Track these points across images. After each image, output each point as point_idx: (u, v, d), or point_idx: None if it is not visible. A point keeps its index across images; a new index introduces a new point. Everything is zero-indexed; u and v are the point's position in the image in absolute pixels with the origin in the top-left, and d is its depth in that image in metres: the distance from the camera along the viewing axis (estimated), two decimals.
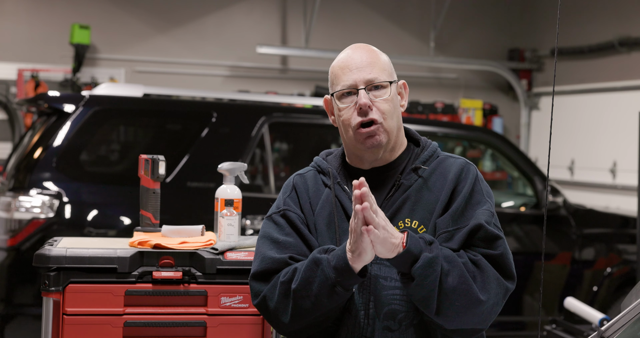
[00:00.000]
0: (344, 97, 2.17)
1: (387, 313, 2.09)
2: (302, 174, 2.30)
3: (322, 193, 2.22)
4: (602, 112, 8.75)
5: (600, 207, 6.32)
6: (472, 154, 8.48)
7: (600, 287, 5.34)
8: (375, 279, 2.10)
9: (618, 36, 8.61)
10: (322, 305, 2.03)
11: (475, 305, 1.99)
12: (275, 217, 2.22)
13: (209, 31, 9.28)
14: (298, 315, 2.06)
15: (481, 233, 2.07)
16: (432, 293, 1.96)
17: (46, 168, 4.37)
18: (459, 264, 2.00)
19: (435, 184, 2.15)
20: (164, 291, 2.54)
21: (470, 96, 10.10)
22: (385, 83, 2.16)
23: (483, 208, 2.11)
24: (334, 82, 2.21)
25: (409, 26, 9.92)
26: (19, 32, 8.65)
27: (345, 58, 2.19)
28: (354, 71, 2.15)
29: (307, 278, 2.03)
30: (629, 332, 2.18)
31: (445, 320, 2.01)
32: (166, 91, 5.13)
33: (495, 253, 2.06)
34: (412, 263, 1.95)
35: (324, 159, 2.30)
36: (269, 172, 4.97)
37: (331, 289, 2.00)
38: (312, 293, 2.02)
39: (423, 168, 2.17)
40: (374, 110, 2.13)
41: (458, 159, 2.22)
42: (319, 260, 2.03)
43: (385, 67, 2.19)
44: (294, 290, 2.05)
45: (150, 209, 2.85)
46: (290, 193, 2.25)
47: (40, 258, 2.50)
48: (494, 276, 2.03)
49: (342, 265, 1.97)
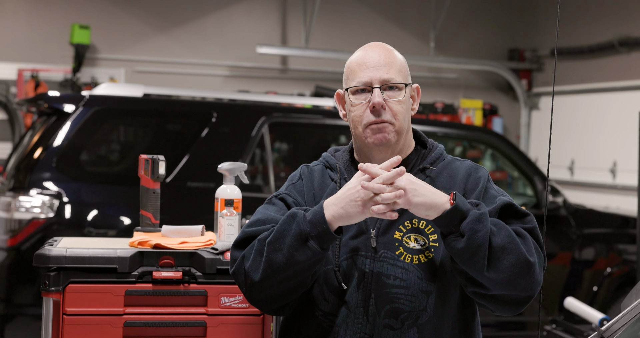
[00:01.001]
0: (357, 94, 2.17)
1: (388, 311, 2.08)
2: (309, 166, 2.31)
3: (328, 187, 2.22)
4: (602, 112, 8.75)
5: (600, 207, 6.32)
6: (472, 154, 8.47)
7: (600, 287, 5.34)
8: (377, 276, 2.09)
9: (618, 36, 8.62)
10: (294, 261, 2.00)
11: (524, 265, 1.97)
12: (274, 200, 2.23)
13: (209, 31, 9.28)
14: (269, 270, 2.02)
15: (512, 211, 2.08)
16: (482, 248, 1.93)
17: (46, 168, 4.37)
18: (506, 226, 2.00)
19: (444, 185, 2.15)
20: (164, 291, 2.54)
21: (470, 96, 10.10)
22: (401, 85, 2.17)
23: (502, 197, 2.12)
24: (349, 78, 2.21)
25: (409, 26, 9.92)
26: (19, 32, 8.65)
27: (363, 55, 2.20)
28: (371, 69, 2.16)
29: (282, 231, 2.02)
30: (629, 332, 2.18)
31: (495, 281, 1.97)
32: (166, 91, 5.13)
33: (529, 226, 2.06)
34: (460, 220, 1.94)
35: (332, 155, 2.30)
36: (269, 172, 4.97)
37: (304, 243, 1.99)
38: (285, 245, 2.00)
39: (431, 169, 2.19)
40: (386, 110, 2.14)
41: (465, 161, 2.23)
42: (295, 213, 2.03)
43: (402, 69, 2.20)
44: (267, 242, 2.03)
45: (150, 209, 2.85)
46: (296, 182, 2.26)
47: (40, 258, 2.50)
48: (533, 244, 2.03)
49: (318, 219, 1.98)
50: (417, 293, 2.08)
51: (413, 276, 2.08)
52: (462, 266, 2.00)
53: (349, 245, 2.12)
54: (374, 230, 2.12)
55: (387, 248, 2.10)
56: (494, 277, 1.96)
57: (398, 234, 2.11)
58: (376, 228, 2.12)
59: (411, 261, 2.09)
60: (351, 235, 2.13)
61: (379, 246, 2.11)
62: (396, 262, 2.09)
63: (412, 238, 2.11)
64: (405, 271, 2.08)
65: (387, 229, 2.12)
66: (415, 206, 1.96)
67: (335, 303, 2.12)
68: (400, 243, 2.10)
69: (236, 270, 2.12)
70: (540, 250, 2.05)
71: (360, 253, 2.11)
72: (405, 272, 2.08)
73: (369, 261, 2.10)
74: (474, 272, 1.98)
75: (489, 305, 2.07)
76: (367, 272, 2.09)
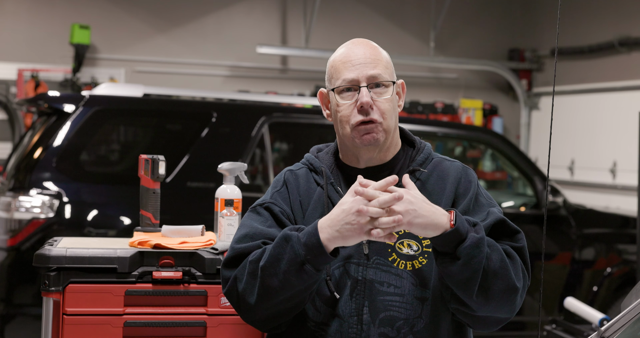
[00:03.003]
0: (343, 93, 2.11)
1: (383, 319, 2.04)
2: (293, 170, 2.24)
3: (314, 193, 2.16)
4: (602, 112, 8.75)
5: (600, 207, 6.32)
6: (472, 154, 8.47)
7: (600, 287, 5.34)
8: (370, 284, 2.05)
9: (618, 36, 8.62)
10: (290, 285, 1.95)
11: (511, 291, 1.96)
12: (259, 209, 2.16)
13: (209, 31, 9.28)
14: (265, 295, 1.98)
15: (504, 227, 2.06)
16: (476, 274, 1.91)
17: (46, 168, 4.37)
18: (499, 248, 1.98)
19: (434, 187, 2.12)
20: (164, 291, 2.53)
21: (470, 96, 10.10)
22: (388, 82, 2.12)
23: (493, 208, 2.10)
24: (333, 77, 2.14)
25: (409, 26, 9.92)
26: (19, 32, 8.65)
27: (347, 52, 2.14)
28: (357, 66, 2.09)
29: (276, 255, 1.95)
30: (629, 332, 2.18)
31: (481, 304, 1.96)
32: (166, 91, 5.13)
33: (518, 245, 2.05)
34: (458, 243, 1.91)
35: (315, 157, 2.24)
36: (269, 172, 4.97)
37: (300, 267, 1.93)
38: (280, 270, 1.94)
39: (421, 171, 2.14)
40: (374, 109, 2.08)
41: (454, 162, 2.19)
42: (289, 236, 1.95)
43: (388, 65, 2.15)
44: (261, 267, 1.97)
45: (150, 209, 2.84)
46: (280, 188, 2.19)
47: (40, 258, 2.50)
48: (521, 267, 2.02)
49: (314, 242, 1.91)
50: (412, 300, 2.05)
51: (407, 283, 2.04)
52: (451, 286, 1.97)
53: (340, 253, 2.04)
54: None
55: (379, 255, 2.06)
56: (481, 301, 1.96)
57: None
58: None
59: (405, 268, 2.05)
60: None
61: (372, 253, 2.06)
62: (389, 269, 2.05)
63: (405, 243, 2.07)
64: (399, 278, 2.04)
65: None
66: (416, 227, 1.91)
67: (327, 313, 2.06)
68: (393, 249, 2.06)
69: (229, 292, 2.07)
70: (526, 270, 2.04)
71: (352, 261, 2.06)
72: (399, 279, 2.04)
73: (362, 268, 2.05)
74: (462, 294, 1.96)
75: (467, 321, 2.06)
76: (360, 280, 2.05)
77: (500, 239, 2.05)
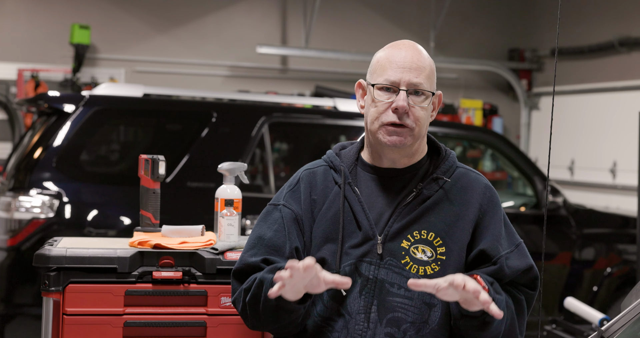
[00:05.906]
0: (382, 91, 2.13)
1: (390, 320, 2.05)
2: (311, 169, 2.25)
3: (331, 192, 2.17)
4: (602, 112, 8.75)
5: (600, 207, 6.32)
6: (472, 154, 8.47)
7: (600, 287, 5.34)
8: (381, 283, 2.07)
9: (618, 36, 8.61)
10: (274, 320, 2.06)
11: None
12: (271, 209, 2.22)
13: (209, 31, 9.28)
14: (258, 324, 2.12)
15: (530, 274, 2.16)
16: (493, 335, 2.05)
17: (46, 168, 4.37)
18: (512, 309, 2.10)
19: (457, 197, 2.14)
20: (164, 291, 2.54)
21: (470, 96, 10.10)
22: (428, 93, 2.14)
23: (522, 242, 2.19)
24: (376, 72, 2.15)
25: (409, 26, 9.92)
26: (19, 32, 8.65)
27: (396, 53, 2.15)
28: (402, 70, 2.11)
29: (255, 296, 2.07)
30: (629, 332, 2.18)
31: None
32: (166, 91, 5.12)
33: (533, 293, 2.17)
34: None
35: (337, 155, 2.25)
36: (269, 172, 4.97)
37: (275, 310, 2.02)
38: (260, 311, 2.06)
39: (445, 180, 2.15)
40: (409, 115, 2.10)
41: (479, 176, 2.23)
42: (263, 280, 2.05)
43: (431, 75, 2.16)
44: (247, 302, 2.10)
45: (150, 209, 2.84)
46: (293, 187, 2.22)
47: (40, 258, 2.50)
48: (525, 318, 2.17)
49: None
50: (420, 304, 2.07)
51: None
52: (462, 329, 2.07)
53: (352, 252, 2.09)
54: (380, 237, 2.09)
55: (393, 256, 2.08)
56: None
57: (406, 243, 2.08)
58: (383, 234, 2.09)
59: (417, 272, 2.07)
60: (356, 243, 2.10)
61: (385, 253, 2.08)
62: (401, 271, 2.07)
63: (420, 248, 2.08)
64: None
65: (394, 237, 2.09)
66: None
67: (334, 309, 2.09)
68: (407, 252, 2.08)
69: (237, 301, 2.18)
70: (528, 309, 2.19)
71: (365, 259, 2.08)
72: None
73: (374, 267, 2.07)
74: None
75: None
76: (371, 279, 2.07)
77: (523, 283, 2.17)
